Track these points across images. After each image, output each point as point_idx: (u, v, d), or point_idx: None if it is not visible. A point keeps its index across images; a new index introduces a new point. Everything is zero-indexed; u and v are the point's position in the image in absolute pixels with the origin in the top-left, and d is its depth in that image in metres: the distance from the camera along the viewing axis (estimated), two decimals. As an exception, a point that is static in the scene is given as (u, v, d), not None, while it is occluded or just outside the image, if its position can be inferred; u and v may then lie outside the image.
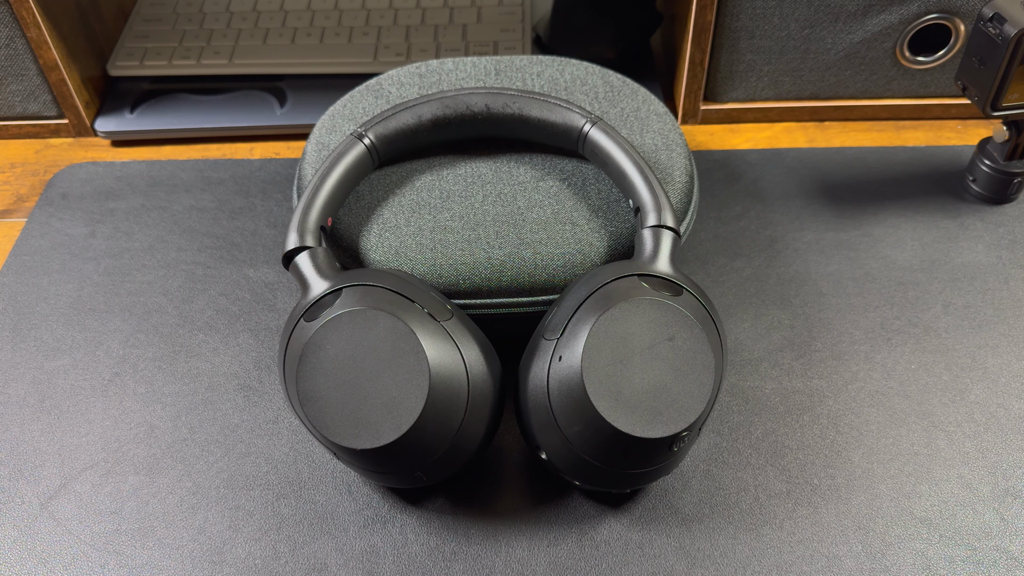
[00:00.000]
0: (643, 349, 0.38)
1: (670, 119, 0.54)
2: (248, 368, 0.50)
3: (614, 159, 0.46)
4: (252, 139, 0.66)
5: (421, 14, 0.71)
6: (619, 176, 0.46)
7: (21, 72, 0.63)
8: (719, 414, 0.48)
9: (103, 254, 0.57)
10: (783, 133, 0.65)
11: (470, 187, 0.49)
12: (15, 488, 0.45)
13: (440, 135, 0.50)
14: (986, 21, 0.51)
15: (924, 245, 0.56)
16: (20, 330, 0.52)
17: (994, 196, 0.58)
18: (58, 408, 0.49)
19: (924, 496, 0.44)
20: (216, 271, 0.55)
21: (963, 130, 0.65)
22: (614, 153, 0.46)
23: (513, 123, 0.49)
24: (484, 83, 0.55)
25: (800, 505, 0.44)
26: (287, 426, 0.47)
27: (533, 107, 0.48)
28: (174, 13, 0.72)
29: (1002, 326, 0.52)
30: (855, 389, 0.49)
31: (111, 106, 0.66)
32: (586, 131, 0.47)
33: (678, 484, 0.45)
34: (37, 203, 0.60)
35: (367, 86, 0.56)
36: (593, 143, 0.47)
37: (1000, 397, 0.48)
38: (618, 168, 0.46)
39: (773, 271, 0.55)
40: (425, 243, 0.47)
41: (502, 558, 0.42)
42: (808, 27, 0.61)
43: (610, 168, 0.47)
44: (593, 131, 0.47)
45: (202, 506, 0.44)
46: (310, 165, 0.51)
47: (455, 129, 0.49)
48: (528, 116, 0.49)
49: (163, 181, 0.62)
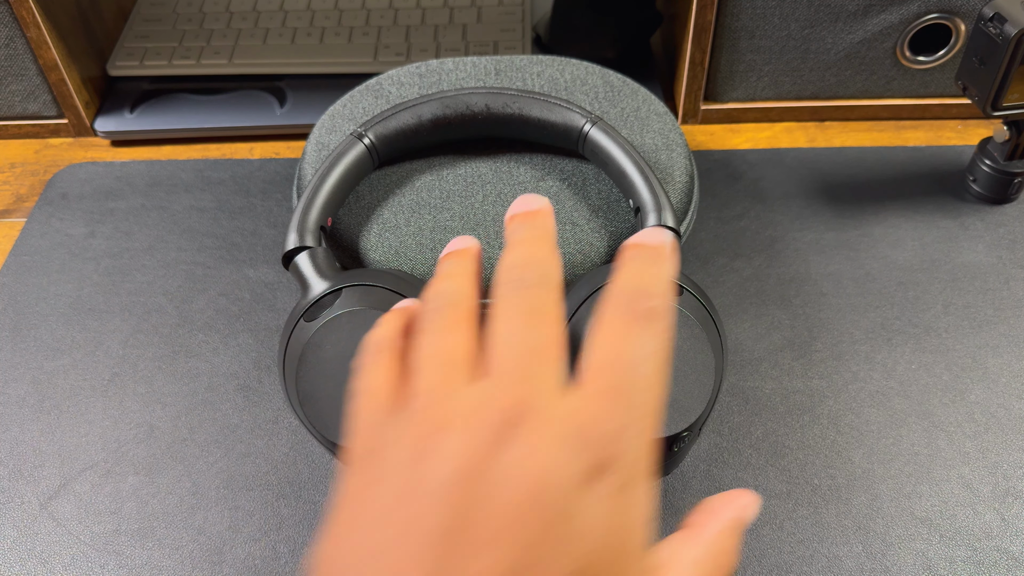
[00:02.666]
0: None
1: (670, 119, 0.53)
2: (248, 368, 0.50)
3: (614, 159, 0.46)
4: (252, 139, 0.66)
5: (421, 14, 0.71)
6: (619, 176, 0.46)
7: (21, 72, 0.63)
8: (719, 414, 0.48)
9: (103, 254, 0.57)
10: (783, 133, 0.65)
11: (470, 187, 0.49)
12: (15, 488, 0.45)
13: (440, 135, 0.50)
14: (986, 21, 0.51)
15: (924, 245, 0.56)
16: (20, 330, 0.52)
17: (994, 196, 0.58)
18: (58, 408, 0.48)
19: (925, 496, 0.44)
20: (216, 271, 0.55)
21: (963, 130, 0.65)
22: (614, 153, 0.46)
23: (513, 123, 0.49)
24: (484, 83, 0.55)
25: (800, 505, 0.44)
26: (287, 426, 0.47)
27: (533, 107, 0.48)
28: (174, 13, 0.72)
29: (1002, 326, 0.51)
30: (855, 389, 0.49)
31: (111, 106, 0.66)
32: (586, 131, 0.47)
33: (678, 484, 0.45)
34: (37, 203, 0.60)
35: (367, 86, 0.55)
36: (593, 143, 0.47)
37: (1001, 397, 0.48)
38: (618, 168, 0.46)
39: (773, 271, 0.55)
40: (425, 243, 0.47)
41: (502, 558, 0.42)
42: (808, 27, 0.61)
43: (610, 168, 0.47)
44: (593, 131, 0.47)
45: (202, 506, 0.44)
46: (310, 165, 0.51)
47: (455, 129, 0.49)
48: (528, 116, 0.49)
49: (163, 181, 0.62)
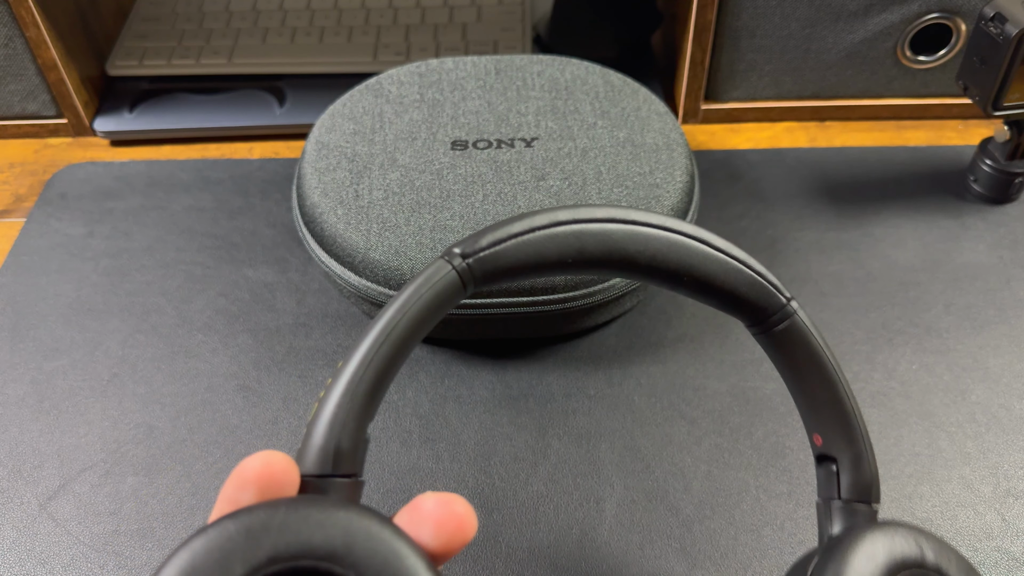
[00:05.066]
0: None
1: (671, 118, 0.53)
2: (247, 368, 0.50)
3: (808, 366, 0.33)
4: (251, 139, 0.65)
5: (421, 13, 0.71)
6: (809, 395, 0.34)
7: (20, 72, 0.63)
8: (720, 414, 0.47)
9: (102, 254, 0.56)
10: (784, 133, 0.65)
11: (470, 187, 0.49)
12: (14, 489, 0.45)
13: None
14: (987, 21, 0.51)
15: (925, 245, 0.56)
16: (19, 330, 0.52)
17: (995, 196, 0.58)
18: (57, 409, 0.48)
19: (925, 497, 0.44)
20: (215, 271, 0.55)
21: (964, 130, 0.65)
22: (812, 357, 0.33)
23: (680, 280, 0.33)
24: (484, 82, 0.55)
25: (801, 506, 0.44)
26: (286, 427, 0.47)
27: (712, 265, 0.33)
28: (173, 12, 0.72)
29: (1004, 326, 0.51)
30: (856, 389, 0.48)
31: (110, 106, 0.66)
32: (785, 314, 0.33)
33: (679, 485, 0.45)
34: (36, 203, 0.60)
35: (367, 85, 0.55)
36: (789, 336, 0.33)
37: (1002, 398, 0.48)
38: (811, 379, 0.33)
39: (774, 271, 0.54)
40: (425, 243, 0.47)
41: (502, 558, 0.42)
42: (809, 26, 0.61)
43: (798, 374, 0.34)
44: (797, 319, 0.33)
45: (201, 507, 0.44)
46: (309, 164, 0.51)
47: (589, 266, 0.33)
48: (703, 276, 0.33)
49: (162, 181, 0.62)
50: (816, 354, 0.33)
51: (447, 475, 0.45)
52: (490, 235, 0.31)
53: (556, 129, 0.52)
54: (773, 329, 0.33)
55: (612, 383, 0.49)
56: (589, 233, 0.32)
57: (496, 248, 0.31)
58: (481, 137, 0.52)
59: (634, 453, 0.46)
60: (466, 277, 0.31)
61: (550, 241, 0.31)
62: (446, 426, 0.47)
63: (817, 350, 0.33)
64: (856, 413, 0.33)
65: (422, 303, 0.30)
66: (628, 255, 0.32)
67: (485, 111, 0.53)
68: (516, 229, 0.31)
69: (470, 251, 0.31)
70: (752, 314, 0.33)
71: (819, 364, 0.33)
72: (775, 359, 0.34)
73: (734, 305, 0.33)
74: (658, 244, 0.32)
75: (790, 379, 0.34)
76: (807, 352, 0.33)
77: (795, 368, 0.34)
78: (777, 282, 0.33)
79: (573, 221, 0.32)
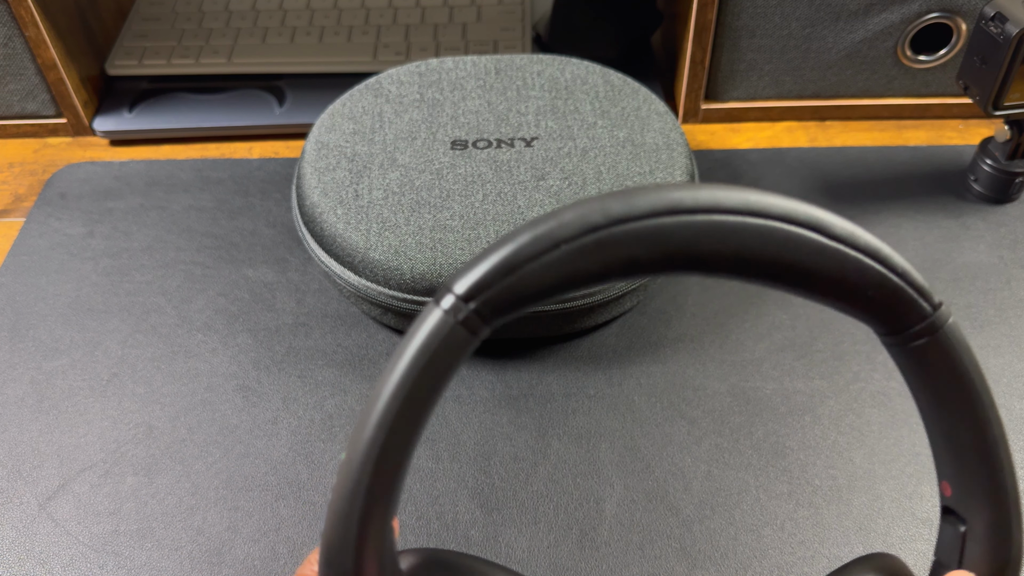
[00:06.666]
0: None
1: (671, 118, 0.53)
2: (247, 368, 0.50)
3: (951, 401, 0.27)
4: (251, 138, 0.65)
5: (420, 13, 0.71)
6: (946, 434, 0.27)
7: (19, 71, 0.63)
8: (720, 415, 0.47)
9: (101, 254, 0.56)
10: (784, 132, 0.65)
11: (470, 187, 0.49)
12: (14, 489, 0.45)
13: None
14: (987, 20, 0.51)
15: (925, 245, 0.56)
16: (18, 330, 0.52)
17: (996, 196, 0.58)
18: (56, 408, 0.48)
19: (926, 497, 0.44)
20: (215, 271, 0.55)
21: (964, 129, 0.65)
22: (957, 389, 0.26)
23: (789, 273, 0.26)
24: (484, 82, 0.55)
25: (801, 506, 0.44)
26: (286, 427, 0.47)
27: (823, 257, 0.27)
28: (173, 12, 0.72)
29: (1004, 326, 0.51)
30: (856, 389, 0.48)
31: (109, 105, 0.66)
32: (924, 328, 0.26)
33: (679, 485, 0.45)
34: (35, 203, 0.60)
35: (366, 85, 0.55)
36: (928, 355, 0.26)
37: (1002, 398, 0.48)
38: (952, 419, 0.27)
39: (774, 271, 0.55)
40: (425, 242, 0.47)
41: (502, 558, 0.42)
42: (809, 26, 0.60)
43: (939, 407, 0.27)
44: (943, 335, 0.26)
45: (201, 507, 0.44)
46: (309, 164, 0.51)
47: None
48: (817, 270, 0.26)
49: (162, 181, 0.61)
50: (964, 384, 0.26)
51: (447, 475, 0.45)
52: (494, 258, 0.24)
53: (556, 129, 0.52)
54: (910, 344, 0.26)
55: (612, 383, 0.49)
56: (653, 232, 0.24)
57: (510, 279, 0.24)
58: (481, 137, 0.52)
59: (634, 453, 0.46)
60: (473, 324, 0.24)
61: (582, 257, 0.24)
62: (446, 426, 0.47)
63: (966, 379, 0.26)
64: (1008, 468, 0.26)
65: (422, 374, 0.24)
66: (702, 254, 0.25)
67: (485, 111, 0.53)
68: (529, 248, 0.24)
69: (473, 291, 0.24)
70: (882, 323, 0.26)
71: (966, 398, 0.26)
72: (909, 379, 0.27)
73: (857, 310, 0.26)
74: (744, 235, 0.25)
75: (926, 407, 0.27)
76: (952, 379, 0.26)
77: (934, 395, 0.27)
78: (923, 283, 0.25)
79: (611, 223, 0.24)
